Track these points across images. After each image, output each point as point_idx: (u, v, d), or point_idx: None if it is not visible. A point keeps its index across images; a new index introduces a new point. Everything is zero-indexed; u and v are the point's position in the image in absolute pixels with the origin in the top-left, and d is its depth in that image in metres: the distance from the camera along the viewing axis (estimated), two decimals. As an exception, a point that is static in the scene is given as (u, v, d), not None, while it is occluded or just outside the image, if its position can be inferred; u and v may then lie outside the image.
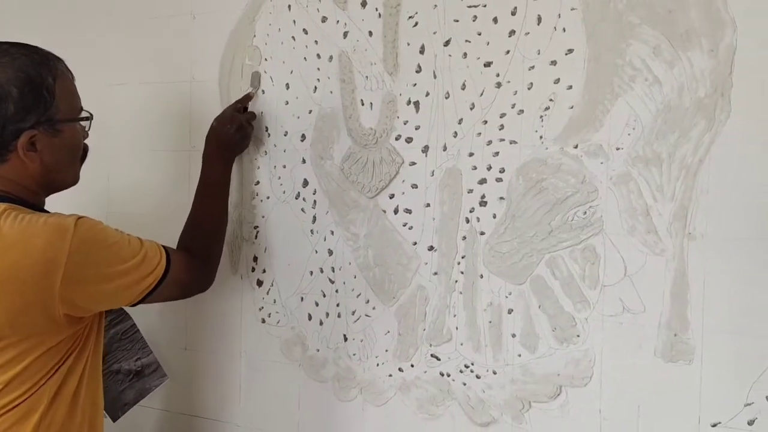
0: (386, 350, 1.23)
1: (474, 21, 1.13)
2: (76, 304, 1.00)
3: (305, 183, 1.29)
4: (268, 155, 1.32)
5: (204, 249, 1.22)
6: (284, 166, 1.31)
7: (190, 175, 1.38)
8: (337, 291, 1.27)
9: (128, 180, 1.47)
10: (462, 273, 1.16)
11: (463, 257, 1.16)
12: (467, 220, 1.15)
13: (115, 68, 1.47)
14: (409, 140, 1.20)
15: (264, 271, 1.34)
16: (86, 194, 1.10)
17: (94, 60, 1.47)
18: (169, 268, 1.09)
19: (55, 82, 1.03)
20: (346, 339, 1.26)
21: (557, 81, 1.08)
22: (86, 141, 1.13)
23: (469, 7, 1.14)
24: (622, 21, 1.03)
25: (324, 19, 1.26)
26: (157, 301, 1.12)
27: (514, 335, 1.12)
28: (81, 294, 1.00)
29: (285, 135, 1.31)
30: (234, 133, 1.25)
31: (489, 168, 1.13)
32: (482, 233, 1.14)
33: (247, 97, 1.31)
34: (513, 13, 1.10)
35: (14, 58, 1.01)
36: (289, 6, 1.29)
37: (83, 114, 1.10)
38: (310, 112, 1.28)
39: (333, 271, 1.27)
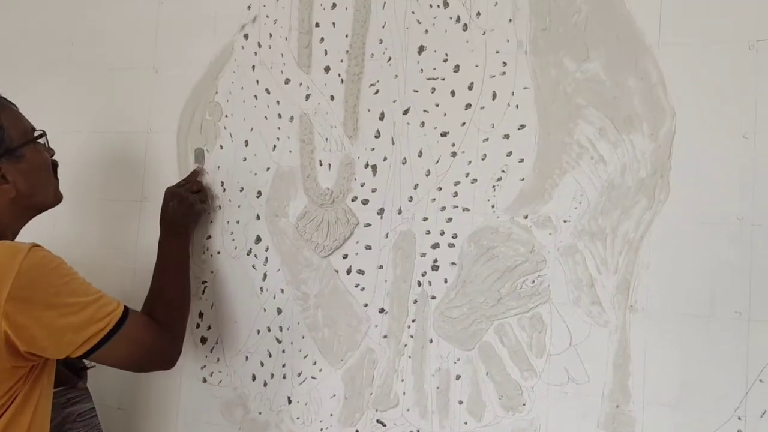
0: (331, 414, 1.20)
1: (432, 92, 1.18)
2: (19, 324, 0.94)
3: (258, 239, 1.28)
4: (222, 210, 1.32)
5: (167, 318, 1.14)
6: (237, 222, 1.30)
7: (139, 225, 1.36)
8: (283, 351, 1.25)
9: (75, 228, 1.43)
10: (412, 337, 1.16)
11: (413, 321, 1.16)
12: (419, 284, 1.16)
13: (71, 116, 1.45)
14: (365, 202, 1.22)
15: (209, 327, 1.31)
16: (29, 240, 1.06)
17: (50, 106, 1.45)
18: (125, 321, 1.03)
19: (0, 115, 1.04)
20: (290, 401, 1.23)
21: (509, 154, 1.13)
22: (54, 157, 1.13)
23: (428, 79, 1.19)
24: (570, 102, 1.09)
25: (287, 81, 1.29)
26: (110, 360, 1.04)
27: (461, 402, 1.11)
28: (24, 315, 0.95)
29: (240, 191, 1.31)
30: (177, 207, 1.24)
31: (442, 233, 1.16)
32: (433, 297, 1.15)
33: (194, 174, 1.30)
34: (470, 88, 1.16)
35: None
36: (254, 66, 1.31)
37: (36, 133, 1.10)
38: (268, 169, 1.29)
39: (281, 330, 1.25)
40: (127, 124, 1.40)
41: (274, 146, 1.29)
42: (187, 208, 1.25)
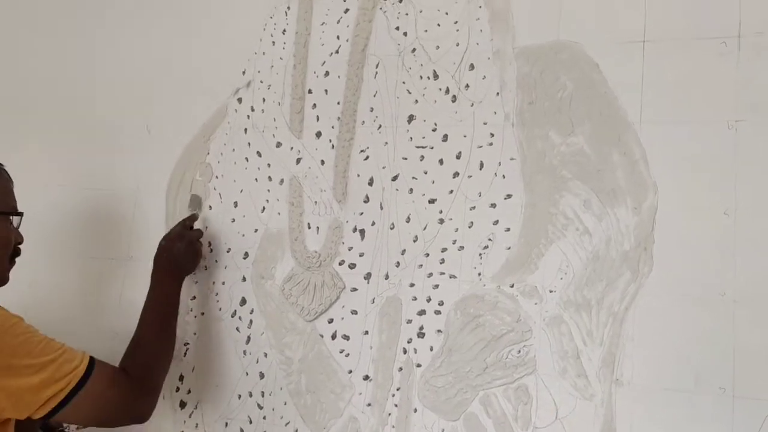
0: (311, 485, 1.16)
1: (421, 160, 1.21)
2: None
3: (243, 301, 1.27)
4: (208, 270, 1.31)
5: (143, 370, 1.09)
6: (223, 283, 1.29)
7: (123, 285, 1.34)
8: (264, 417, 1.22)
9: (55, 287, 1.40)
10: (396, 405, 1.14)
11: (398, 389, 1.14)
12: (405, 351, 1.15)
13: (60, 172, 1.45)
14: (352, 266, 1.22)
15: (189, 391, 1.28)
16: (8, 298, 1.04)
17: (39, 162, 1.45)
18: (89, 377, 0.99)
19: None
20: (269, 471, 1.19)
21: (496, 222, 1.14)
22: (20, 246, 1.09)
23: (418, 147, 1.21)
24: (555, 174, 1.12)
25: (279, 145, 1.31)
26: (77, 419, 1.01)
27: (445, 475, 1.09)
28: None
29: (228, 251, 1.30)
30: (185, 250, 1.23)
31: (429, 300, 1.16)
32: (419, 365, 1.14)
33: (192, 218, 1.31)
34: (458, 157, 1.18)
35: None
36: (246, 129, 1.34)
37: (15, 213, 1.08)
38: (256, 231, 1.29)
39: (263, 395, 1.23)
40: (117, 181, 1.40)
41: (263, 208, 1.30)
42: (194, 255, 1.25)
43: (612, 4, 1.12)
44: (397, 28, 1.25)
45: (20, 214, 1.09)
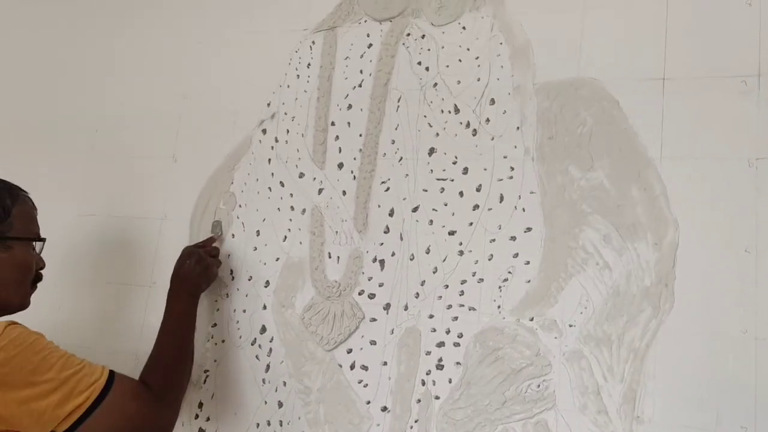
0: None
1: (441, 192, 1.22)
2: None
3: (263, 329, 1.29)
4: (230, 298, 1.33)
5: (163, 382, 1.11)
6: (244, 311, 1.31)
7: (146, 310, 1.36)
8: (282, 446, 1.22)
9: (80, 311, 1.43)
10: (414, 438, 1.14)
11: (416, 421, 1.14)
12: (423, 383, 1.15)
13: (87, 199, 1.49)
14: (371, 296, 1.23)
15: (208, 419, 1.29)
16: (33, 322, 1.06)
17: (67, 190, 1.49)
18: (109, 390, 1.00)
19: (13, 204, 1.06)
20: (286, 501, 1.19)
21: (516, 255, 1.15)
22: (42, 271, 1.11)
23: (438, 179, 1.23)
24: (575, 209, 1.12)
25: (301, 175, 1.33)
26: None
27: None
28: (2, 394, 0.93)
29: (249, 279, 1.32)
30: (194, 266, 1.25)
31: (448, 332, 1.16)
32: (437, 397, 1.14)
33: (210, 240, 1.33)
34: (478, 190, 1.20)
35: None
36: (270, 159, 1.36)
37: (39, 239, 1.11)
38: (277, 259, 1.31)
39: (281, 425, 1.23)
40: (143, 209, 1.43)
41: (285, 237, 1.32)
42: (204, 269, 1.26)
43: (632, 41, 1.13)
44: (419, 63, 1.28)
45: (43, 240, 1.11)
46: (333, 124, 1.33)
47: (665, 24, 1.12)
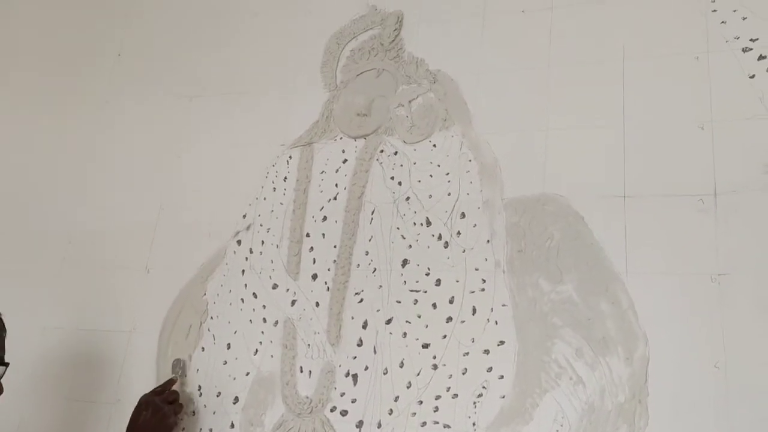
0: None
1: (415, 304, 1.22)
2: None
3: (230, 449, 1.23)
4: (196, 416, 1.28)
5: None
6: (210, 430, 1.26)
7: (108, 428, 1.30)
8: None
9: (38, 428, 1.36)
10: None
11: None
12: (397, 508, 1.10)
13: (56, 312, 1.46)
14: (344, 413, 1.19)
15: None
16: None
17: (37, 302, 1.46)
18: None
19: None
20: None
21: (490, 369, 1.14)
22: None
23: (411, 291, 1.23)
24: (546, 321, 1.13)
25: (275, 286, 1.33)
26: None
27: None
28: None
29: (217, 396, 1.28)
30: (150, 418, 1.20)
31: (422, 451, 1.12)
32: None
33: (170, 383, 1.28)
34: (450, 302, 1.20)
35: None
36: (243, 270, 1.36)
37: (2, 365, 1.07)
38: (247, 374, 1.28)
39: None
40: (112, 321, 1.40)
41: (256, 350, 1.29)
42: (160, 420, 1.21)
43: (592, 161, 1.19)
44: (392, 178, 1.32)
45: (6, 365, 1.08)
46: (308, 235, 1.34)
47: (623, 144, 1.18)
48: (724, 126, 1.13)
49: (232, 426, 1.25)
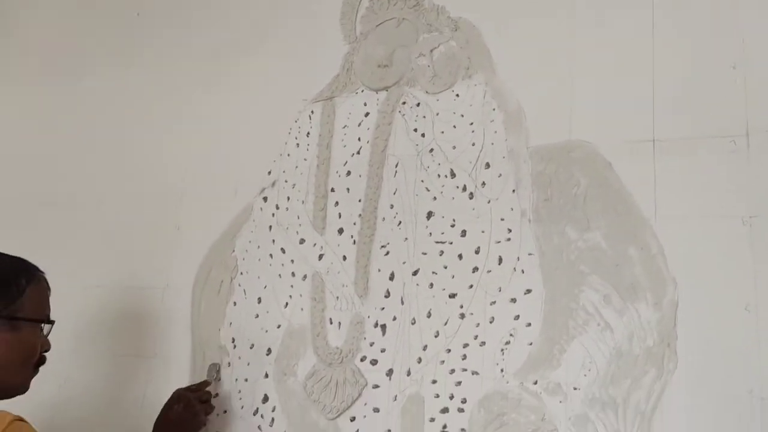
0: None
1: (441, 255, 1.23)
2: None
3: (265, 398, 1.27)
4: (231, 367, 1.32)
5: None
6: (246, 380, 1.30)
7: (146, 382, 1.35)
8: None
9: (82, 384, 1.42)
10: None
11: (422, 492, 1.12)
12: (428, 451, 1.13)
13: (95, 271, 1.49)
14: (374, 362, 1.22)
15: (210, 493, 1.26)
16: (32, 396, 1.05)
17: (75, 263, 1.50)
18: None
19: (27, 285, 1.05)
20: None
21: (517, 317, 1.15)
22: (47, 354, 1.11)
23: (437, 242, 1.24)
24: (574, 269, 1.13)
25: (302, 241, 1.35)
26: None
27: None
28: None
29: (251, 348, 1.32)
30: (182, 412, 1.21)
31: (451, 397, 1.15)
32: (442, 466, 1.12)
33: (204, 384, 1.29)
34: (476, 252, 1.21)
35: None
36: (270, 226, 1.38)
37: (47, 323, 1.09)
38: (279, 326, 1.31)
39: (284, 498, 1.20)
40: (146, 279, 1.44)
41: (286, 304, 1.32)
42: (192, 416, 1.22)
43: (620, 104, 1.16)
44: (416, 130, 1.31)
45: (51, 323, 1.11)
46: (333, 190, 1.35)
47: (652, 87, 1.15)
48: (757, 64, 1.09)
49: (266, 376, 1.29)
